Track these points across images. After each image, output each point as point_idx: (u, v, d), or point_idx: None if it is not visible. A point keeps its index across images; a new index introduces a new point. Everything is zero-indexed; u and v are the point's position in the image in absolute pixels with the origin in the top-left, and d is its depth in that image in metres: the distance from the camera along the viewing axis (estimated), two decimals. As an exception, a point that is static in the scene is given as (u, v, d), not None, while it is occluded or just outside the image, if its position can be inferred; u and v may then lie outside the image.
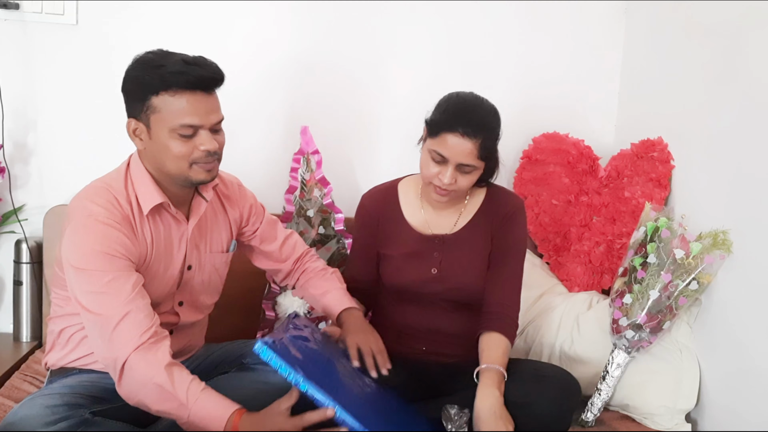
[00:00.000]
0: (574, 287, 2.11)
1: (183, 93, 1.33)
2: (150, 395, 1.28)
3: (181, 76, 1.32)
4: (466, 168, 1.55)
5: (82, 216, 1.35)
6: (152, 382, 1.27)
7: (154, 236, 1.43)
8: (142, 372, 1.27)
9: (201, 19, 2.11)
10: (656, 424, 1.78)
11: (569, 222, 2.15)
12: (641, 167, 2.02)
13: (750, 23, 1.68)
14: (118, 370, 1.29)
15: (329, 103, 2.21)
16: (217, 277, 1.60)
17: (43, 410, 1.26)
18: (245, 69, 2.13)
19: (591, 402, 1.78)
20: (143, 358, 1.28)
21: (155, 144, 1.37)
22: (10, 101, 2.03)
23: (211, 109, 1.38)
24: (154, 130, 1.36)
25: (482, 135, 1.52)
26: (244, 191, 1.66)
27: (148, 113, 1.35)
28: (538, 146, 2.18)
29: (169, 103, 1.33)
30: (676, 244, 1.71)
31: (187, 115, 1.33)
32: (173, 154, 1.36)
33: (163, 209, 1.44)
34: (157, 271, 1.44)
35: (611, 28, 2.29)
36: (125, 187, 1.40)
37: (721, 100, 1.77)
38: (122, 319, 1.29)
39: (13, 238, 2.04)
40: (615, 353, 1.77)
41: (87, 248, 1.33)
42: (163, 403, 1.28)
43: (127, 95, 1.39)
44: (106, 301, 1.31)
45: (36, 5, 2.02)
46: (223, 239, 1.59)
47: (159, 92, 1.33)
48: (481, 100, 1.58)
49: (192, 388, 1.28)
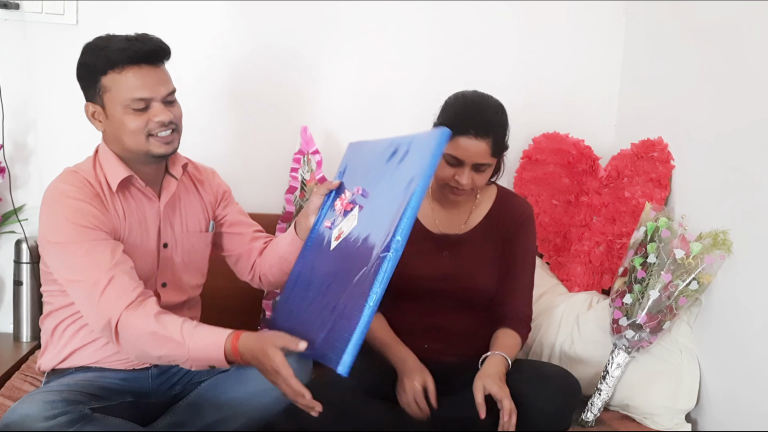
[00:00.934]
0: (574, 287, 2.11)
1: (129, 68, 1.38)
2: (148, 343, 1.33)
3: (123, 53, 1.37)
4: (481, 167, 1.58)
5: (54, 196, 1.41)
6: (146, 332, 1.32)
7: (126, 211, 1.47)
8: (135, 325, 1.32)
9: (201, 19, 2.12)
10: (656, 424, 1.78)
11: (569, 222, 2.15)
12: (641, 167, 2.02)
13: (750, 23, 1.68)
14: (113, 330, 1.33)
15: (329, 103, 2.21)
16: (199, 257, 1.61)
17: (42, 405, 1.26)
18: (245, 69, 2.13)
19: (591, 402, 1.78)
20: (134, 314, 1.33)
21: (112, 123, 1.42)
22: (11, 101, 2.03)
23: (159, 81, 1.41)
24: (109, 109, 1.41)
25: (493, 133, 1.55)
26: (219, 178, 1.69)
27: (101, 94, 1.40)
28: (538, 146, 2.18)
29: (117, 81, 1.38)
30: (676, 244, 1.71)
31: (136, 89, 1.38)
32: (129, 130, 1.40)
33: (132, 185, 1.48)
34: (133, 245, 1.47)
35: (611, 28, 2.29)
36: (93, 169, 1.46)
37: (721, 100, 1.77)
38: (108, 283, 1.34)
39: (14, 238, 2.04)
40: (615, 353, 1.77)
41: (60, 221, 1.38)
42: (161, 348, 1.32)
43: (81, 81, 1.45)
44: (88, 268, 1.35)
45: (36, 5, 2.02)
46: (200, 219, 1.61)
47: (107, 72, 1.38)
48: (487, 97, 1.61)
49: (185, 326, 1.33)
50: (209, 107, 2.13)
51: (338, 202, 1.46)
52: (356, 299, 1.22)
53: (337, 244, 1.39)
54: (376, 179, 1.40)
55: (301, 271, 1.49)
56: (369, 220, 1.34)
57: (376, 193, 1.38)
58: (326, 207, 1.50)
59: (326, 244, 1.43)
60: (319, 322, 1.30)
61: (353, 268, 1.27)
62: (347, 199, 1.44)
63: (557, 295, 2.07)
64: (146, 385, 1.51)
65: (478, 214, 1.71)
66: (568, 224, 2.15)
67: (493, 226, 1.70)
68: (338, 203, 1.46)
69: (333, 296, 1.30)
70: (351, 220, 1.40)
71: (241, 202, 2.08)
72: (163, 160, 1.50)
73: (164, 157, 1.47)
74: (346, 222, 1.40)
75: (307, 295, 1.41)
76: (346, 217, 1.41)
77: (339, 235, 1.40)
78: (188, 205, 1.59)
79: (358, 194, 1.42)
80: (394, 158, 1.39)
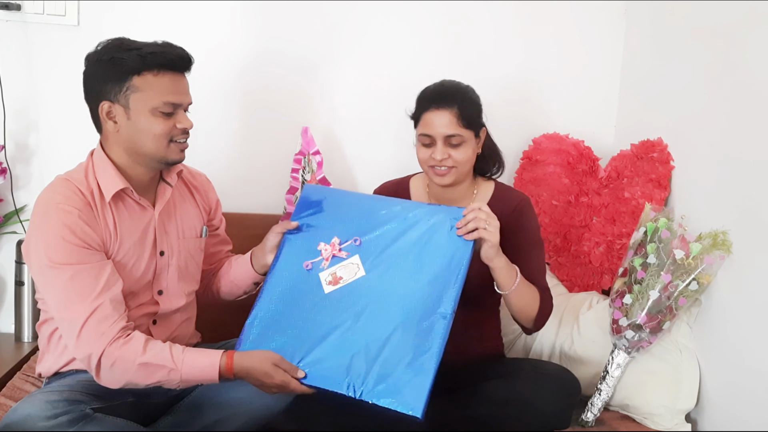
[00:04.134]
0: (574, 287, 2.12)
1: (165, 72, 1.39)
2: (137, 375, 1.34)
3: (161, 56, 1.38)
4: (453, 139, 1.58)
5: (42, 206, 1.39)
6: (135, 364, 1.32)
7: (118, 223, 1.43)
8: (123, 359, 1.32)
9: (203, 20, 2.12)
10: (656, 424, 1.78)
11: (569, 222, 2.15)
12: (641, 168, 2.02)
13: (750, 23, 1.68)
14: (94, 365, 1.33)
15: (329, 104, 2.22)
16: (194, 263, 1.61)
17: (43, 405, 1.27)
18: (246, 70, 2.13)
19: (591, 402, 1.78)
20: (119, 349, 1.33)
21: (134, 124, 1.40)
22: (12, 102, 2.04)
23: (186, 90, 1.45)
24: (133, 109, 1.39)
25: (456, 102, 1.58)
26: (212, 186, 1.70)
27: (128, 93, 1.38)
28: (538, 147, 2.18)
29: (151, 83, 1.38)
30: (676, 244, 1.71)
31: (169, 93, 1.39)
32: (154, 133, 1.40)
33: (127, 196, 1.46)
34: (128, 260, 1.45)
35: (611, 28, 2.29)
36: (86, 177, 1.43)
37: (721, 100, 1.77)
38: (90, 316, 1.33)
39: (15, 238, 2.05)
40: (615, 353, 1.78)
41: (50, 236, 1.35)
42: (151, 378, 1.34)
43: (97, 79, 1.41)
44: (70, 302, 1.34)
45: (38, 6, 2.03)
46: (196, 224, 1.61)
47: (141, 72, 1.37)
48: (451, 80, 1.66)
49: (174, 352, 1.35)
50: (211, 108, 2.12)
51: (326, 247, 1.52)
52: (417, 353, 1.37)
53: (338, 289, 1.48)
54: (384, 238, 1.51)
55: (282, 294, 1.52)
56: (400, 281, 1.45)
57: (393, 254, 1.49)
58: (287, 245, 1.56)
59: (314, 286, 1.49)
60: (350, 354, 1.40)
61: (389, 318, 1.41)
62: (338, 245, 1.51)
63: (557, 295, 2.07)
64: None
65: None
66: (568, 225, 2.16)
67: None
68: (325, 248, 1.51)
69: (362, 336, 1.41)
70: (351, 268, 1.48)
71: (242, 202, 2.09)
72: (171, 167, 1.51)
73: (174, 164, 1.48)
74: (343, 269, 1.49)
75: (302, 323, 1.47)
76: (338, 264, 1.50)
77: (336, 280, 1.48)
78: (183, 211, 1.59)
79: (356, 244, 1.50)
80: (405, 224, 1.52)
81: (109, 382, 1.35)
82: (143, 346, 1.34)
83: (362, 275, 1.47)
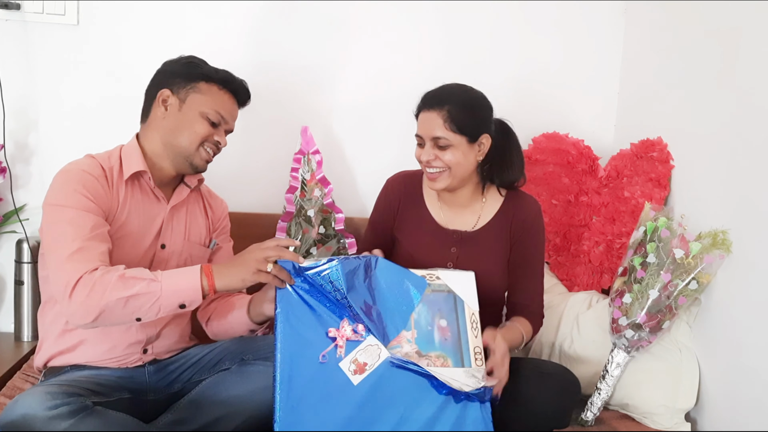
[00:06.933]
0: (573, 287, 2.12)
1: (228, 93, 1.56)
2: (116, 288, 1.31)
3: (233, 82, 1.57)
4: (439, 141, 1.59)
5: (65, 170, 1.48)
6: (115, 278, 1.32)
7: (129, 201, 1.51)
8: (102, 282, 1.32)
9: (202, 19, 2.12)
10: (656, 423, 1.78)
11: (569, 222, 2.15)
12: (641, 167, 2.02)
13: (750, 23, 1.68)
14: (69, 289, 1.32)
15: (329, 103, 2.22)
16: None
17: (44, 396, 1.27)
18: (245, 69, 2.13)
19: (591, 401, 1.78)
20: (100, 276, 1.33)
21: (182, 116, 1.52)
22: (12, 101, 2.04)
23: (236, 116, 1.60)
24: (187, 105, 1.52)
25: (447, 105, 1.58)
26: (227, 212, 1.75)
27: (190, 90, 1.52)
28: (538, 146, 2.19)
29: (213, 93, 1.53)
30: (676, 243, 1.71)
31: (222, 108, 1.54)
32: (194, 131, 1.51)
33: (144, 182, 1.54)
34: (127, 237, 1.50)
35: (611, 28, 2.29)
36: (109, 157, 1.53)
37: (720, 100, 1.78)
38: (75, 251, 1.35)
39: (14, 237, 2.05)
40: (615, 353, 1.78)
41: (62, 185, 1.44)
42: (130, 289, 1.32)
43: (169, 73, 1.55)
44: (62, 238, 1.38)
45: (37, 5, 2.03)
46: (203, 234, 1.67)
47: (210, 81, 1.54)
48: (455, 83, 1.65)
49: (155, 271, 1.36)
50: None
51: (338, 338, 1.41)
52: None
53: (368, 375, 1.39)
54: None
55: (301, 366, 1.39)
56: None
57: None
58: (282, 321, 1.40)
59: (341, 380, 1.38)
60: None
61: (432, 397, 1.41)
62: (347, 332, 1.42)
63: (557, 294, 2.08)
64: (143, 381, 1.52)
65: (487, 215, 1.72)
66: (567, 224, 2.16)
67: (504, 225, 1.70)
68: (339, 339, 1.41)
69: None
70: (371, 351, 1.41)
71: (242, 202, 2.09)
72: (192, 173, 1.57)
73: (195, 171, 1.56)
74: (364, 354, 1.41)
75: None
76: (357, 348, 1.40)
77: (362, 367, 1.40)
78: (194, 217, 1.64)
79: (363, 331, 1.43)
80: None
81: (81, 308, 1.32)
82: (123, 268, 1.36)
83: (382, 352, 1.41)
